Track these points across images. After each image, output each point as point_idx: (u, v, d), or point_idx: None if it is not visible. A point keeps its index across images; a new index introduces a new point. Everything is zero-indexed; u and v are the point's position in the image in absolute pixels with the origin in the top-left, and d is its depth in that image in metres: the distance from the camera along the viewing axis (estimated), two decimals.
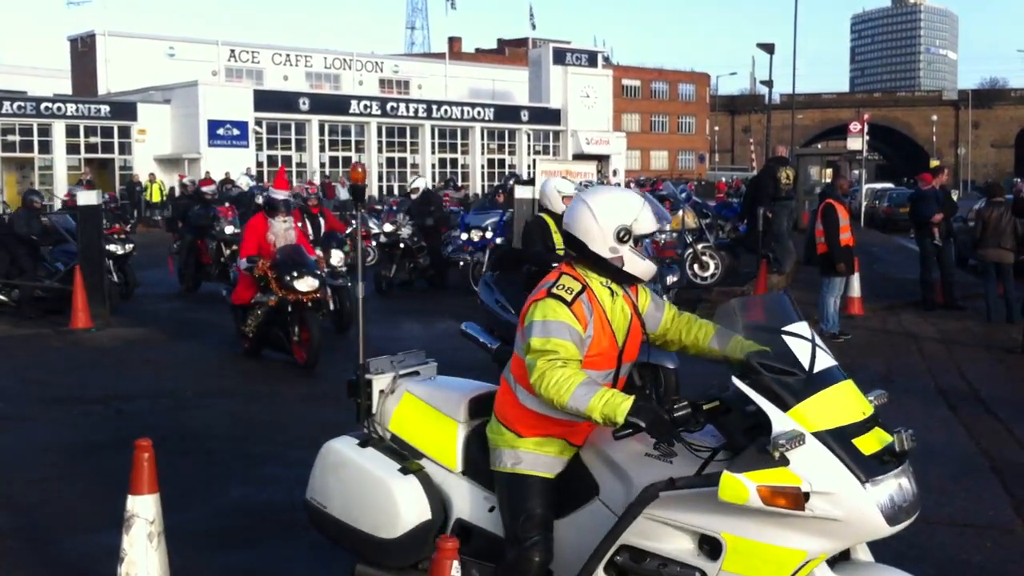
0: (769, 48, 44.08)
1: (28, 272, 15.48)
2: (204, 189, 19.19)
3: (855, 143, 38.56)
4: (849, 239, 13.35)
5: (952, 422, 8.93)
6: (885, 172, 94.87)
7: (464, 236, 18.34)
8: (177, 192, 32.38)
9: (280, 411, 9.28)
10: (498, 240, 17.25)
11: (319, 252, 13.55)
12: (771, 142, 41.38)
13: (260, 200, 15.15)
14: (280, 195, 11.88)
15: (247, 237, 11.75)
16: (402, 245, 17.79)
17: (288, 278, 11.04)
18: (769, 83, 48.44)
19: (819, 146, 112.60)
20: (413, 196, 19.32)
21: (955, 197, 18.37)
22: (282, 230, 11.67)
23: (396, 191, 50.46)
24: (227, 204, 19.56)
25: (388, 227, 18.09)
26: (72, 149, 44.00)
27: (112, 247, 16.41)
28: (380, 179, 51.07)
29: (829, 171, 29.45)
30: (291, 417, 9.04)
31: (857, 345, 12.83)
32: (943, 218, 15.64)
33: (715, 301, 15.30)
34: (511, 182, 24.61)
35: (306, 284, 11.09)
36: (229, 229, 17.55)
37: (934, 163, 37.34)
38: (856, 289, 15.11)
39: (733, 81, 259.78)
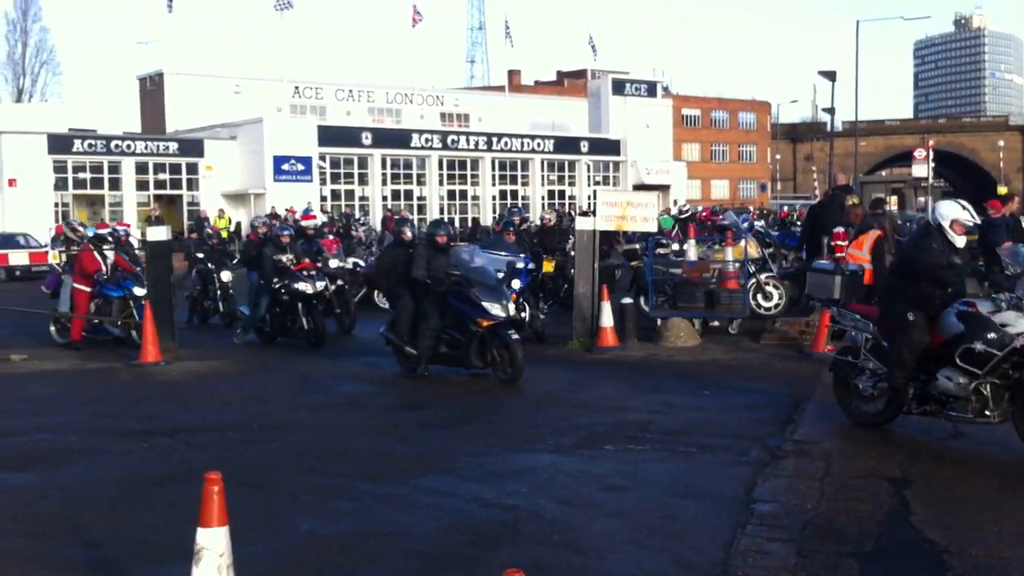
0: (831, 75, 43.80)
1: (431, 320, 12.74)
2: (305, 223, 18.12)
3: (920, 170, 38.17)
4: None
5: None
6: (951, 199, 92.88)
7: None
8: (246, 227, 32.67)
9: (346, 443, 9.34)
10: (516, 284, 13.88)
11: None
12: (833, 170, 40.97)
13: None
14: None
15: None
16: None
17: None
18: (831, 110, 48.14)
19: (883, 173, 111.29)
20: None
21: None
22: None
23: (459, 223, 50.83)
24: (331, 237, 19.37)
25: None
26: (141, 185, 44.89)
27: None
28: (441, 211, 51.42)
29: (894, 198, 29.04)
30: (355, 449, 9.09)
31: None
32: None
33: (779, 332, 15.15)
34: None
35: None
36: (334, 263, 17.30)
37: (1002, 190, 36.74)
38: None
39: (794, 109, 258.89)
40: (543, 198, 54.58)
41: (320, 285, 15.89)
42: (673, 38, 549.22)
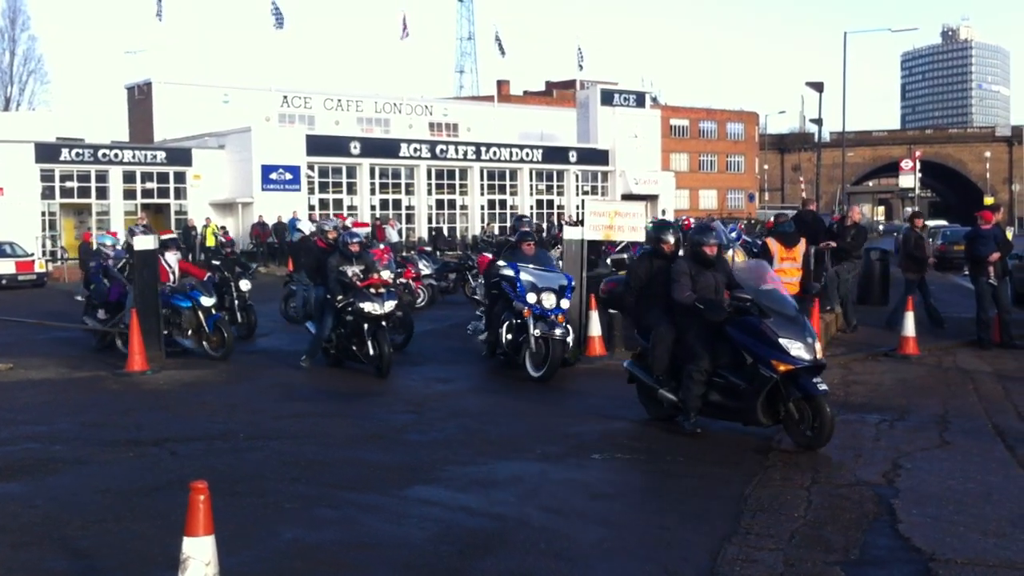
0: (818, 86, 43.98)
1: (701, 360, 9.60)
2: (358, 231, 16.48)
3: (907, 180, 38.40)
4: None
5: (1010, 463, 8.77)
6: (938, 209, 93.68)
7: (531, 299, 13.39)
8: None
9: (330, 453, 9.32)
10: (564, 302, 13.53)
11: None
12: (821, 180, 41.30)
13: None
14: None
15: None
16: None
17: None
18: (819, 121, 48.28)
19: (870, 184, 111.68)
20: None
21: (1009, 235, 18.15)
22: None
23: (446, 232, 50.82)
24: (382, 247, 18.51)
25: None
26: (129, 195, 44.78)
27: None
28: (430, 221, 51.46)
29: (878, 208, 29.23)
30: (341, 459, 9.08)
31: (913, 385, 12.66)
32: (999, 257, 15.46)
33: None
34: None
35: None
36: (386, 274, 15.28)
37: (988, 201, 36.97)
38: (911, 328, 14.93)
39: (782, 119, 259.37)
40: (532, 208, 54.64)
41: (390, 305, 14.02)
42: (662, 49, 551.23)
